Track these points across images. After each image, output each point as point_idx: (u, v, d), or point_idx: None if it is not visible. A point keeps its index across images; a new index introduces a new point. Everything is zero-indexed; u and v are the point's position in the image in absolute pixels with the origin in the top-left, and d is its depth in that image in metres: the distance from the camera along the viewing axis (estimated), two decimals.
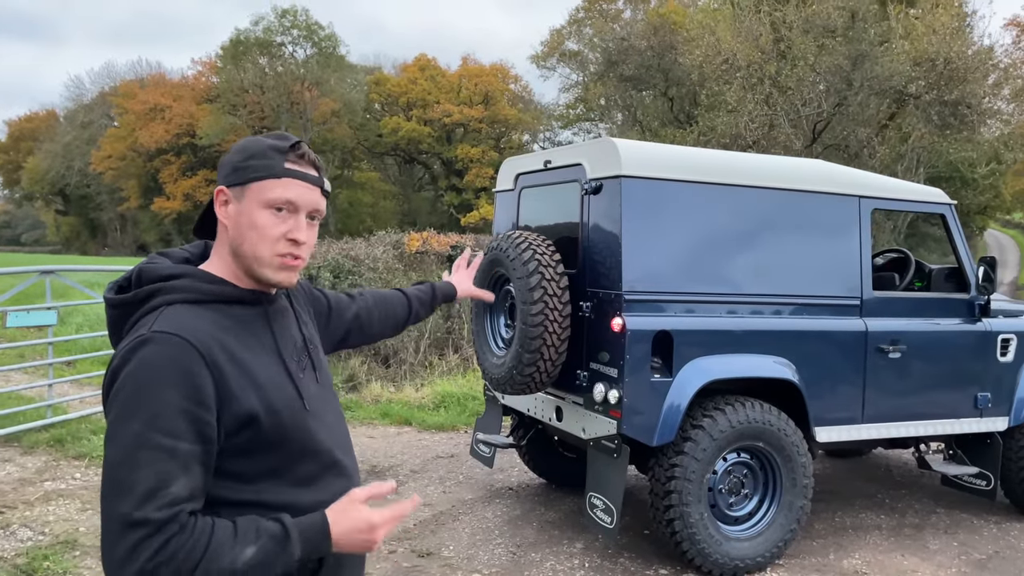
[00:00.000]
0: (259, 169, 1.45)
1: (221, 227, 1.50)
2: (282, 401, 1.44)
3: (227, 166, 1.48)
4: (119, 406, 1.31)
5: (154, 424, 1.28)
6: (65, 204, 65.62)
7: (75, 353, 9.21)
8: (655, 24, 33.71)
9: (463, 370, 9.68)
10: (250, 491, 1.40)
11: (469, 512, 5.20)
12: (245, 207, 1.46)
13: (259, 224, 1.45)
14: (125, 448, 1.28)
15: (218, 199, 1.48)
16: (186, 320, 1.37)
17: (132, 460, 1.27)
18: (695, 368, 4.10)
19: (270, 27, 48.56)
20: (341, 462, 1.56)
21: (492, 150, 48.31)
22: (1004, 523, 5.24)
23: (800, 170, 4.68)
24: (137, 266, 1.49)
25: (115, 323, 1.47)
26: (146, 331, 1.34)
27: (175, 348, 1.32)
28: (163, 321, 1.36)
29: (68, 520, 4.81)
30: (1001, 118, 23.74)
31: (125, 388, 1.31)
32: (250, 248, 1.46)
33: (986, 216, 35.25)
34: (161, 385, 1.30)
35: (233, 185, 1.46)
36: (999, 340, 5.05)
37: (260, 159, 1.46)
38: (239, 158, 1.47)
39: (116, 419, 1.30)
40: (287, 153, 1.47)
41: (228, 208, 1.47)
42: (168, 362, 1.31)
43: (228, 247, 1.49)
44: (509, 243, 4.35)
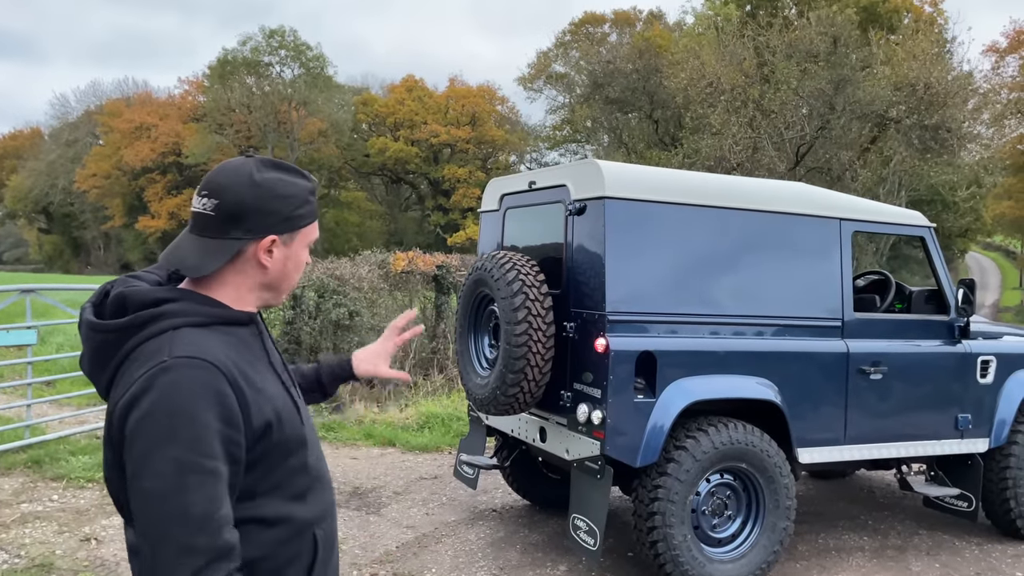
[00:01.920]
0: (307, 216, 1.52)
1: (248, 265, 1.48)
2: (286, 414, 1.47)
3: (274, 215, 1.46)
4: (151, 433, 1.28)
5: (196, 448, 1.28)
6: (48, 222, 65.15)
7: (55, 373, 9.10)
8: (640, 48, 34.10)
9: (448, 390, 9.65)
10: (250, 507, 1.40)
11: (452, 534, 5.16)
12: (294, 250, 1.52)
13: (302, 261, 1.55)
14: (170, 474, 1.26)
15: (263, 246, 1.46)
16: (202, 343, 1.36)
17: (180, 486, 1.26)
18: (678, 389, 4.10)
19: (258, 47, 48.71)
20: (324, 475, 1.59)
21: (479, 170, 48.50)
22: (986, 544, 5.26)
23: (782, 192, 4.73)
24: (115, 291, 1.43)
25: (106, 347, 1.39)
26: (167, 356, 1.32)
27: (204, 372, 1.32)
28: (180, 346, 1.34)
29: (45, 543, 4.74)
30: (981, 142, 24.12)
31: (154, 414, 1.28)
32: (289, 284, 1.54)
33: (967, 239, 35.71)
34: (196, 409, 1.29)
35: (283, 232, 1.48)
36: (979, 362, 5.09)
37: (306, 206, 1.51)
38: (289, 207, 1.48)
39: (150, 447, 1.28)
40: (316, 193, 1.55)
41: (274, 254, 1.48)
42: (199, 386, 1.30)
43: (253, 283, 1.50)
44: (493, 263, 4.35)
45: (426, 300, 10.86)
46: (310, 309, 9.28)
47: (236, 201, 1.42)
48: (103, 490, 5.78)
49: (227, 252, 1.43)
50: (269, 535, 1.42)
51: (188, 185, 51.76)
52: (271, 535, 1.43)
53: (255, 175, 1.44)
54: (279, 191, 1.46)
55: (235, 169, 1.45)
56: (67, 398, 8.13)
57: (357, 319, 9.57)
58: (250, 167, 1.45)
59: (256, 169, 1.45)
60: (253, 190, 1.43)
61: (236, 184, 1.43)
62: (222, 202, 1.42)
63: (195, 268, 1.43)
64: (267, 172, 1.46)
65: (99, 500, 5.56)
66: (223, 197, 1.42)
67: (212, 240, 1.43)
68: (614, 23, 43.11)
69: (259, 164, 1.47)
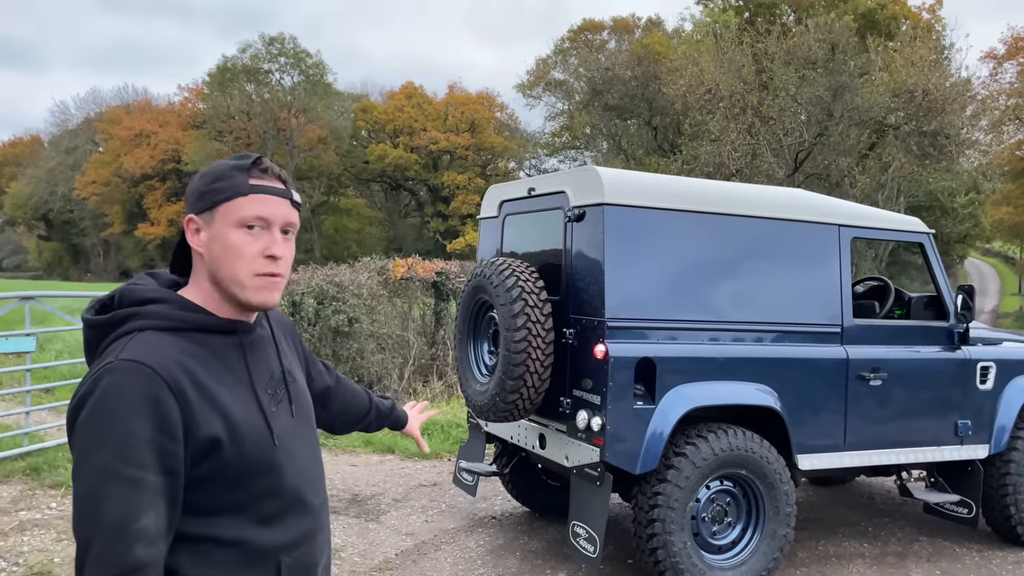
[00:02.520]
0: (224, 190, 1.41)
1: (196, 256, 1.46)
2: (249, 433, 1.39)
3: (193, 194, 1.45)
4: (85, 436, 1.27)
5: (121, 455, 1.25)
6: (48, 229, 65.17)
7: (54, 380, 9.09)
8: (639, 55, 34.18)
9: (447, 397, 9.63)
10: (205, 524, 1.36)
11: (452, 542, 5.15)
12: (216, 231, 1.41)
13: (233, 245, 1.41)
14: (93, 479, 1.25)
15: (189, 228, 1.45)
16: (154, 348, 1.34)
17: (100, 492, 1.24)
18: (678, 395, 4.10)
19: (257, 54, 48.78)
20: (307, 501, 1.51)
21: (478, 177, 48.54)
22: (986, 551, 5.25)
23: (781, 199, 4.74)
24: (121, 287, 1.47)
25: (90, 344, 1.44)
26: (113, 359, 1.32)
27: (140, 377, 1.29)
28: (131, 348, 1.33)
29: (43, 551, 4.73)
30: (979, 148, 24.18)
31: (91, 417, 1.27)
32: (228, 272, 1.41)
33: (966, 244, 35.72)
34: (127, 414, 1.26)
35: (202, 211, 1.43)
36: (978, 368, 5.09)
37: (224, 180, 1.42)
38: (203, 183, 1.44)
39: (83, 449, 1.27)
40: (250, 170, 1.44)
41: (200, 236, 1.43)
42: (133, 391, 1.28)
43: (206, 276, 1.44)
44: (492, 270, 4.36)
45: (425, 306, 10.86)
46: (309, 316, 9.28)
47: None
48: None
49: (178, 242, 1.50)
50: (224, 555, 1.37)
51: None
52: (226, 555, 1.37)
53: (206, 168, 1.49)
54: (203, 171, 1.48)
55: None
56: (65, 405, 8.10)
57: (356, 326, 9.57)
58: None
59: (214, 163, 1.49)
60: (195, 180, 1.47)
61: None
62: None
63: (169, 267, 1.52)
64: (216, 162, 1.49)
65: None
66: None
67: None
68: (613, 30, 43.22)
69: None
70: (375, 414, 2.10)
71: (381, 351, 10.13)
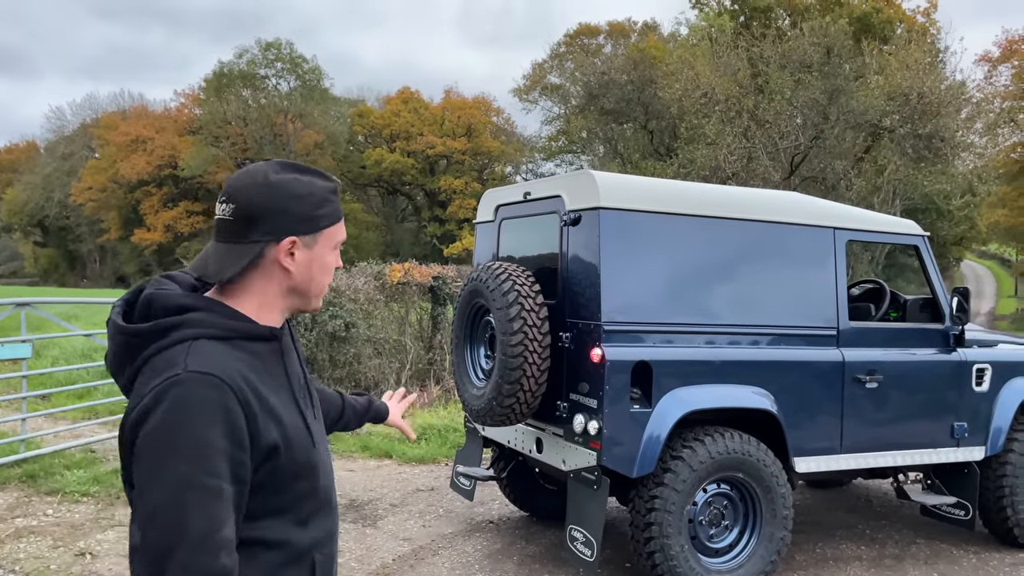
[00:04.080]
0: (329, 216, 1.48)
1: (267, 271, 1.45)
2: (296, 438, 1.43)
3: (293, 215, 1.43)
4: (157, 447, 1.27)
5: (200, 466, 1.26)
6: (44, 236, 65.04)
7: (50, 387, 9.05)
8: (635, 59, 34.26)
9: (444, 402, 9.63)
10: (254, 528, 1.38)
11: (449, 546, 5.15)
12: (318, 252, 1.48)
13: (329, 265, 1.51)
14: (172, 490, 1.25)
15: (283, 248, 1.43)
16: (218, 358, 1.34)
17: (181, 502, 1.24)
18: (674, 398, 4.10)
19: (254, 60, 48.81)
20: (332, 499, 1.57)
21: (475, 181, 48.55)
22: (983, 553, 5.25)
23: (776, 202, 4.75)
24: (146, 293, 1.42)
25: (124, 351, 1.39)
26: (180, 370, 1.30)
27: (213, 388, 1.29)
28: (195, 359, 1.32)
29: (39, 558, 4.71)
30: (974, 151, 24.25)
31: (162, 429, 1.27)
32: (317, 288, 1.51)
33: (962, 247, 35.84)
34: (202, 425, 1.27)
35: (305, 234, 1.45)
36: (974, 370, 5.10)
37: (328, 205, 1.48)
38: (308, 207, 1.45)
39: (155, 461, 1.27)
40: (338, 194, 1.52)
41: (296, 256, 1.45)
42: (208, 402, 1.28)
43: (276, 289, 1.47)
44: (489, 274, 4.36)
45: (422, 311, 10.86)
46: (306, 320, 9.27)
47: (250, 203, 1.41)
48: (98, 504, 5.75)
49: (246, 256, 1.41)
50: (269, 557, 1.40)
51: (184, 197, 51.76)
52: (271, 557, 1.40)
53: (270, 176, 1.43)
54: (294, 191, 1.43)
55: (251, 172, 1.45)
56: (62, 412, 8.10)
57: (353, 330, 9.57)
58: (265, 169, 1.44)
59: (272, 171, 1.44)
60: (267, 190, 1.41)
61: (250, 186, 1.42)
62: (238, 206, 1.41)
63: (216, 273, 1.41)
64: (283, 173, 1.44)
65: (94, 514, 5.53)
66: (238, 201, 1.41)
67: (232, 245, 1.42)
68: (609, 34, 43.31)
69: (276, 166, 1.45)
70: (351, 412, 2.11)
71: (378, 356, 10.12)
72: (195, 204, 51.64)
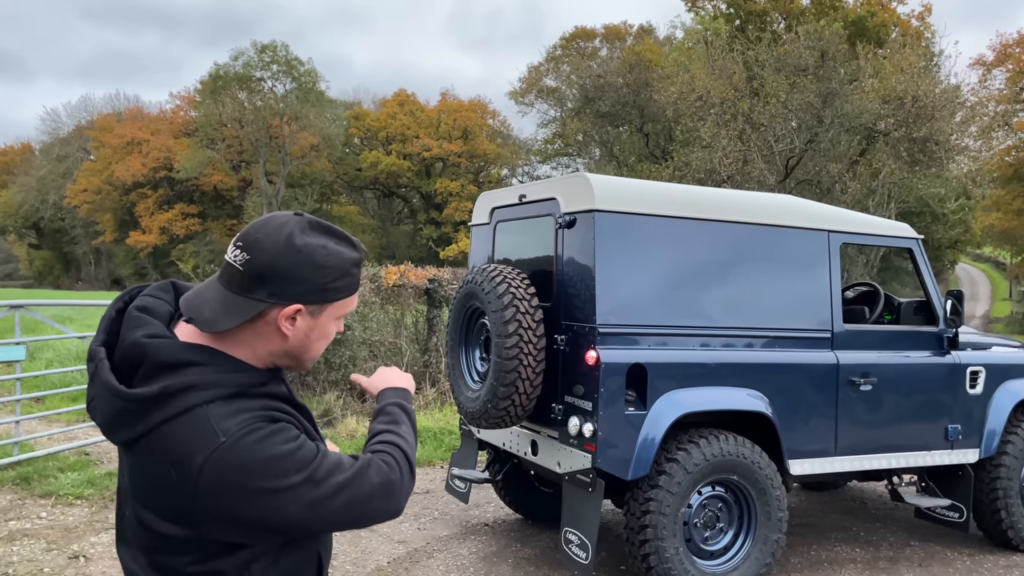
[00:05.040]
0: (344, 289, 1.41)
1: (262, 330, 1.38)
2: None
3: (306, 284, 1.35)
4: (266, 492, 1.28)
5: (296, 455, 1.31)
6: (39, 238, 64.85)
7: (44, 389, 9.04)
8: (631, 62, 34.32)
9: (440, 404, 9.62)
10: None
11: (444, 549, 5.14)
12: (320, 322, 1.41)
13: (329, 334, 1.45)
14: (302, 493, 1.30)
15: (286, 314, 1.36)
16: (238, 413, 1.32)
17: (324, 467, 1.33)
18: (669, 401, 4.11)
19: (250, 62, 48.75)
20: None
21: (471, 184, 48.55)
22: (977, 555, 5.27)
23: (771, 205, 4.76)
24: (133, 339, 1.33)
25: (124, 414, 1.30)
26: (222, 436, 1.27)
27: (260, 428, 1.31)
28: (223, 421, 1.29)
29: (33, 560, 4.70)
30: (969, 154, 24.30)
31: (251, 479, 1.27)
32: (313, 354, 1.45)
33: (957, 250, 35.86)
34: (273, 447, 1.30)
35: (314, 304, 1.38)
36: (968, 372, 5.12)
37: (345, 279, 1.40)
38: (326, 279, 1.37)
39: (272, 493, 1.28)
40: (361, 265, 1.45)
41: (297, 323, 1.38)
42: (264, 436, 1.30)
43: (272, 348, 1.40)
44: (484, 276, 4.36)
45: (418, 314, 10.85)
46: None
47: (268, 261, 1.32)
48: (92, 507, 5.74)
49: (245, 312, 1.34)
50: (296, 559, 1.45)
51: (179, 200, 51.65)
52: (297, 558, 1.45)
53: (296, 238, 1.34)
54: (317, 260, 1.35)
55: (277, 227, 1.35)
56: (56, 414, 8.08)
57: (348, 333, 9.55)
58: (292, 227, 1.35)
59: (299, 231, 1.35)
60: (289, 254, 1.33)
61: (272, 243, 1.33)
62: (253, 259, 1.32)
63: (209, 323, 1.34)
64: (310, 236, 1.35)
65: (88, 517, 5.52)
66: (255, 254, 1.32)
67: (234, 296, 1.34)
68: (604, 38, 43.37)
69: (304, 226, 1.36)
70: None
71: (373, 358, 10.11)
72: (190, 207, 51.54)
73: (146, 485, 1.32)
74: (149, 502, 1.33)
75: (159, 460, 1.29)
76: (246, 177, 51.25)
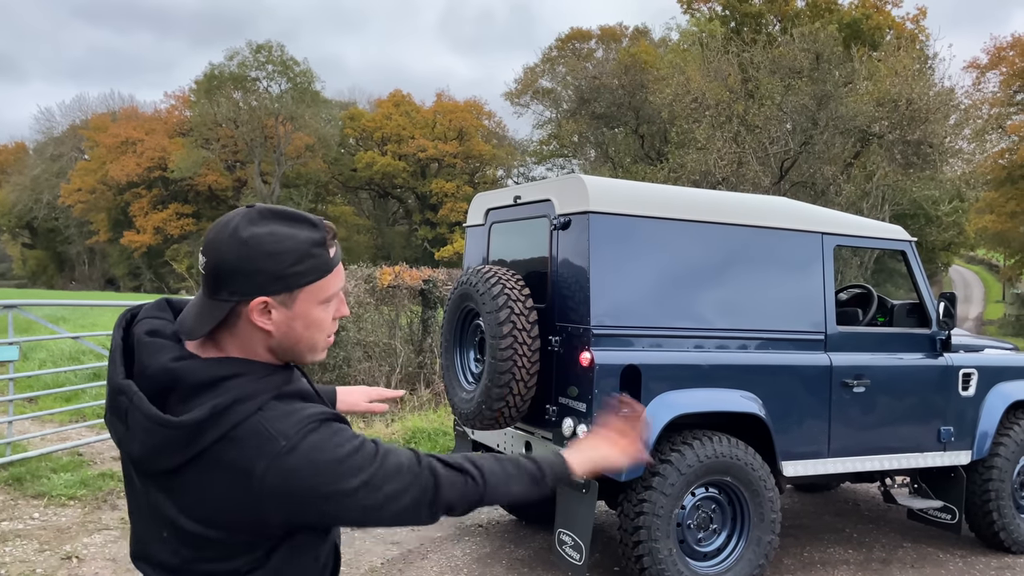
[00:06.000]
0: (308, 273, 1.35)
1: (243, 329, 1.36)
2: None
3: (262, 274, 1.31)
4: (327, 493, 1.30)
5: (356, 456, 1.32)
6: (32, 237, 64.67)
7: (37, 389, 9.00)
8: (626, 63, 34.39)
9: (435, 405, 9.62)
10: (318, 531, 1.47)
11: (438, 550, 5.14)
12: (298, 311, 1.36)
13: (316, 321, 1.39)
14: (368, 481, 1.32)
15: (255, 309, 1.33)
16: (289, 410, 1.33)
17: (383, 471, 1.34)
18: (663, 402, 4.12)
19: (245, 62, 48.74)
20: None
21: (466, 185, 48.60)
22: (969, 557, 5.29)
23: (765, 207, 4.77)
24: (161, 364, 1.31)
25: (178, 442, 1.27)
26: (283, 443, 1.28)
27: (321, 428, 1.32)
28: (277, 423, 1.30)
29: (25, 561, 4.68)
30: (962, 157, 24.40)
31: (320, 477, 1.29)
32: (307, 344, 1.40)
33: (950, 252, 36.02)
34: (335, 449, 1.31)
35: (278, 294, 1.33)
36: (960, 374, 5.14)
37: (307, 260, 1.34)
38: (281, 266, 1.32)
39: (333, 497, 1.30)
40: (327, 243, 1.37)
41: (272, 316, 1.34)
42: (322, 439, 1.31)
43: (263, 345, 1.38)
44: (479, 277, 4.36)
45: (413, 314, 10.84)
46: None
47: (219, 260, 1.31)
48: (85, 507, 5.72)
49: (216, 315, 1.32)
50: (323, 550, 1.49)
51: (173, 200, 51.57)
52: (324, 550, 1.49)
53: (240, 231, 1.31)
54: (266, 248, 1.31)
55: (223, 224, 1.33)
56: (49, 415, 8.05)
57: (343, 333, 9.55)
58: (237, 221, 1.32)
59: (246, 223, 1.32)
60: (235, 248, 1.30)
61: (219, 241, 1.31)
62: (208, 260, 1.32)
63: (189, 331, 1.34)
64: (256, 226, 1.32)
65: (81, 518, 5.50)
66: (209, 255, 1.32)
67: (208, 300, 1.33)
68: (600, 39, 43.44)
69: (250, 217, 1.33)
70: None
71: (368, 359, 10.10)
72: (185, 206, 51.48)
73: (201, 502, 1.31)
74: (205, 516, 1.31)
75: (218, 476, 1.28)
76: (241, 177, 51.20)
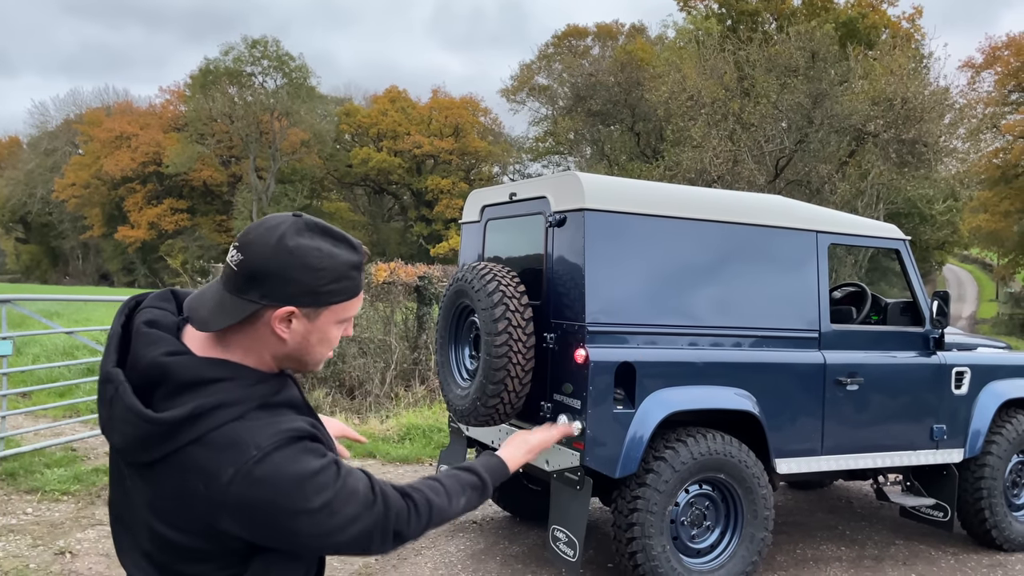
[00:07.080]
0: (341, 292, 1.38)
1: (259, 332, 1.37)
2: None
3: (300, 286, 1.33)
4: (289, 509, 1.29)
5: (320, 476, 1.32)
6: (26, 232, 64.42)
7: (30, 384, 8.97)
8: (622, 61, 34.39)
9: (429, 402, 9.62)
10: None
11: (432, 546, 5.15)
12: (319, 325, 1.39)
13: (330, 338, 1.42)
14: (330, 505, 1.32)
15: (280, 317, 1.35)
16: (269, 426, 1.32)
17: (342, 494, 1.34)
18: (657, 400, 4.13)
19: (240, 57, 48.59)
20: None
21: (462, 181, 48.56)
22: (961, 554, 5.31)
23: (760, 205, 4.78)
24: (152, 358, 1.32)
25: (156, 438, 1.28)
26: (255, 453, 1.27)
27: (291, 447, 1.31)
28: (255, 433, 1.30)
29: (18, 556, 4.68)
30: (957, 156, 24.48)
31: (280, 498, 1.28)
32: (316, 357, 1.43)
33: (944, 251, 36.10)
34: (307, 466, 1.31)
35: (308, 307, 1.36)
36: (953, 373, 5.16)
37: (343, 281, 1.37)
38: (319, 282, 1.34)
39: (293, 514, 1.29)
40: (362, 268, 1.42)
41: (293, 326, 1.36)
42: (295, 455, 1.31)
43: (272, 351, 1.39)
44: (474, 274, 4.36)
45: (408, 311, 10.84)
46: None
47: (259, 262, 1.32)
48: (78, 503, 5.71)
49: (238, 313, 1.33)
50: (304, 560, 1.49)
51: (168, 195, 51.42)
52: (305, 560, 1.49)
53: (288, 239, 1.32)
54: (310, 262, 1.33)
55: (271, 228, 1.34)
56: (43, 410, 8.03)
57: None
58: (285, 228, 1.33)
59: (293, 232, 1.33)
60: (280, 255, 1.31)
61: (264, 244, 1.32)
62: (246, 259, 1.32)
63: (203, 322, 1.34)
64: (304, 238, 1.33)
65: (74, 513, 5.49)
66: (248, 254, 1.32)
67: (230, 296, 1.34)
68: (596, 36, 43.44)
69: (298, 227, 1.34)
70: None
71: (363, 355, 10.09)
72: (179, 202, 51.33)
73: (169, 501, 1.31)
74: (170, 517, 1.31)
75: (188, 477, 1.28)
76: (236, 172, 51.07)
